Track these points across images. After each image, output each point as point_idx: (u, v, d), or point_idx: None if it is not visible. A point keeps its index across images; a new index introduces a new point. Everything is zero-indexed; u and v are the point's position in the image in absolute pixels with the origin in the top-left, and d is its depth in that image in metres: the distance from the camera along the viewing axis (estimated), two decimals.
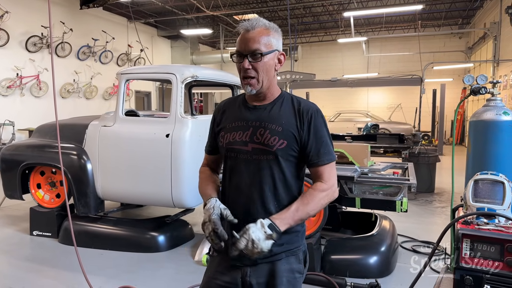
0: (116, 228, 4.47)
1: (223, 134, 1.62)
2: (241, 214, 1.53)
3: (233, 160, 1.58)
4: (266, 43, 1.50)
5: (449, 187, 7.51)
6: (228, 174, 1.62)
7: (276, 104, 1.58)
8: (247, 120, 1.58)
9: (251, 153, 1.54)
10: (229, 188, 1.62)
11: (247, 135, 1.55)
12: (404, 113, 15.72)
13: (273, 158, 1.52)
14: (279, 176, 1.54)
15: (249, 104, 1.61)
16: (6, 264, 4.00)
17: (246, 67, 1.49)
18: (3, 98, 10.47)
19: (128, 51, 14.91)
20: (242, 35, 1.52)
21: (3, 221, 5.39)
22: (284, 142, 1.52)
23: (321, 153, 1.56)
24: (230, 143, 1.58)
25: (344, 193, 3.87)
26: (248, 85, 1.52)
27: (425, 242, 4.53)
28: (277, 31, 1.56)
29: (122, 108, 4.36)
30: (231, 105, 1.69)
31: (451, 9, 15.52)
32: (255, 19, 1.53)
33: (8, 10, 10.24)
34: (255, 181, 1.54)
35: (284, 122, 1.54)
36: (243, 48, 1.50)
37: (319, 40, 20.03)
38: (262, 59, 1.49)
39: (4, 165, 4.89)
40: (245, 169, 1.55)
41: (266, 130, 1.53)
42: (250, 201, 1.54)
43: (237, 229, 1.48)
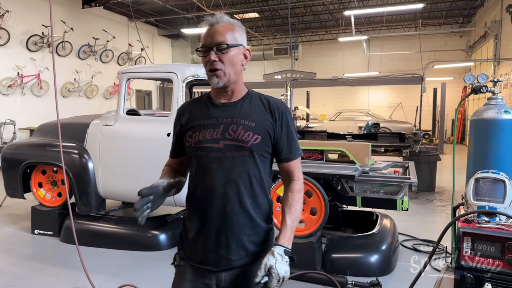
0: (118, 226, 4.48)
1: (191, 134, 1.55)
2: (216, 215, 1.49)
3: (203, 159, 1.52)
4: (231, 37, 1.50)
5: (449, 186, 7.53)
6: (199, 174, 1.54)
7: (245, 101, 1.57)
8: (217, 117, 1.54)
9: (224, 150, 1.50)
10: (200, 189, 1.54)
11: (218, 132, 1.51)
12: (405, 112, 15.72)
13: (248, 154, 1.50)
14: (254, 172, 1.52)
15: (217, 102, 1.58)
16: (8, 263, 4.01)
17: (212, 59, 1.47)
18: (4, 97, 10.48)
19: (128, 50, 14.92)
20: (207, 30, 1.51)
21: (4, 220, 5.41)
22: (258, 137, 1.50)
23: (292, 148, 1.58)
24: (199, 141, 1.53)
25: (345, 192, 3.88)
26: (215, 76, 1.49)
27: (426, 240, 4.54)
28: (241, 28, 1.55)
29: (123, 107, 4.37)
30: (196, 105, 1.64)
31: (452, 8, 15.51)
32: (219, 14, 1.53)
33: (9, 9, 10.26)
34: (229, 179, 1.49)
35: (257, 118, 1.53)
36: (209, 41, 1.49)
37: (319, 39, 20.01)
38: (228, 51, 1.48)
39: (5, 164, 4.90)
40: (218, 167, 1.50)
41: (239, 126, 1.50)
42: (225, 200, 1.49)
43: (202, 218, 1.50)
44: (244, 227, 1.51)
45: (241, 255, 1.51)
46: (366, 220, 4.51)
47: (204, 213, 1.51)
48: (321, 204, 3.64)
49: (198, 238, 1.53)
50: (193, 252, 1.56)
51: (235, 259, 1.51)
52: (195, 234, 1.55)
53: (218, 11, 14.05)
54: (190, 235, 1.57)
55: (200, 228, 1.52)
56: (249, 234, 1.52)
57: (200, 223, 1.53)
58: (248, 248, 1.52)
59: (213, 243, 1.50)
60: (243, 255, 1.52)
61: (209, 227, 1.50)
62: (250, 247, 1.52)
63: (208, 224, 1.50)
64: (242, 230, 1.50)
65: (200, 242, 1.53)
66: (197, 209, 1.54)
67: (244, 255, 1.52)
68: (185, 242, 1.61)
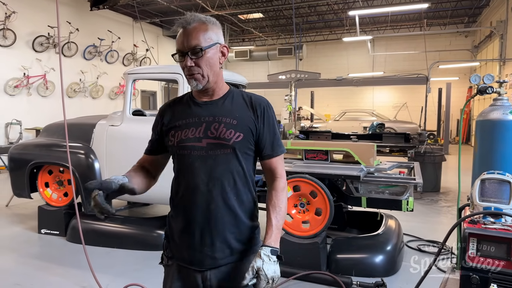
0: (123, 226, 4.51)
1: (173, 133, 1.54)
2: (200, 213, 1.49)
3: (186, 158, 1.51)
4: (206, 38, 1.46)
5: (454, 186, 7.50)
6: (182, 173, 1.53)
7: (227, 99, 1.56)
8: (199, 116, 1.53)
9: (206, 149, 1.49)
10: (184, 188, 1.53)
11: (200, 131, 1.50)
12: (410, 112, 15.67)
13: (230, 152, 1.49)
14: (237, 170, 1.51)
15: (198, 100, 1.57)
16: (15, 262, 4.05)
17: (188, 65, 1.46)
18: (10, 98, 10.56)
19: (133, 51, 14.98)
20: (179, 33, 1.47)
21: (11, 220, 5.46)
22: (240, 135, 1.50)
23: (274, 145, 1.57)
24: (182, 140, 1.52)
25: (350, 193, 3.88)
26: (193, 79, 1.48)
27: (431, 241, 4.53)
28: (215, 24, 1.51)
29: (129, 107, 4.40)
30: (177, 104, 1.63)
31: (457, 8, 15.44)
32: (190, 15, 1.48)
33: (15, 10, 10.33)
34: (213, 177, 1.48)
35: (238, 116, 1.52)
36: (183, 46, 1.46)
37: (324, 39, 19.99)
38: (204, 54, 1.45)
39: (12, 164, 4.95)
40: (201, 166, 1.49)
41: (221, 124, 1.50)
42: (209, 198, 1.48)
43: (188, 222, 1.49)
44: (228, 225, 1.50)
45: (226, 253, 1.51)
46: (371, 221, 4.51)
47: (188, 212, 1.50)
48: (326, 204, 3.65)
49: (183, 237, 1.53)
50: (179, 251, 1.56)
51: (220, 258, 1.50)
52: (180, 233, 1.54)
53: (223, 11, 14.10)
54: (175, 234, 1.56)
55: (185, 227, 1.52)
56: (233, 232, 1.51)
57: (184, 222, 1.52)
58: (233, 246, 1.51)
59: (198, 242, 1.50)
60: (228, 253, 1.51)
61: (194, 226, 1.49)
62: (235, 245, 1.52)
63: (192, 223, 1.50)
64: (227, 228, 1.50)
65: (185, 241, 1.53)
66: (181, 208, 1.54)
67: (229, 253, 1.51)
68: (171, 241, 1.60)
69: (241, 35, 19.96)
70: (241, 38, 20.54)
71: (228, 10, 14.25)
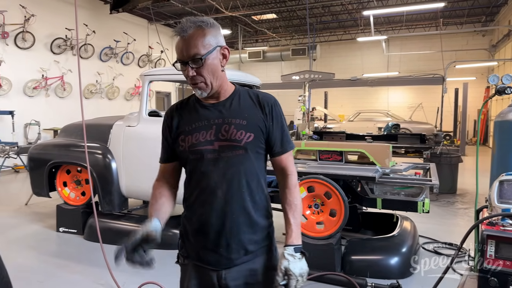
0: (139, 225, 4.53)
1: (183, 138, 1.53)
2: (214, 216, 1.48)
3: (198, 162, 1.50)
4: (204, 44, 1.42)
5: (471, 188, 7.39)
6: (195, 177, 1.52)
7: (234, 99, 1.55)
8: (208, 118, 1.52)
9: (219, 151, 1.48)
10: (198, 191, 1.52)
11: (211, 133, 1.50)
12: (426, 113, 15.48)
13: (243, 153, 1.48)
14: (250, 170, 1.51)
15: (205, 103, 1.55)
16: (35, 259, 4.15)
17: (191, 75, 1.44)
18: (29, 99, 10.80)
19: (149, 53, 15.16)
20: (177, 41, 1.45)
21: (31, 218, 5.58)
22: (251, 135, 1.49)
23: (284, 142, 1.57)
24: (193, 144, 1.50)
25: (365, 194, 3.86)
26: (197, 88, 1.48)
27: (447, 243, 4.47)
28: (213, 26, 1.46)
29: (146, 108, 4.47)
30: (184, 108, 1.61)
31: (474, 6, 15.18)
32: (186, 20, 1.44)
33: (34, 13, 10.56)
34: (226, 179, 1.48)
35: (247, 115, 1.51)
36: (182, 56, 1.44)
37: (338, 39, 19.88)
38: (204, 61, 1.42)
39: (32, 163, 5.07)
40: (214, 169, 1.48)
41: (231, 125, 1.49)
42: (224, 201, 1.48)
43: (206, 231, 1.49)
44: (243, 226, 1.50)
45: (241, 253, 1.51)
46: (386, 222, 4.48)
47: (203, 215, 1.50)
48: (340, 205, 3.64)
49: (198, 238, 1.53)
50: (194, 251, 1.56)
51: (235, 258, 1.51)
52: (195, 234, 1.54)
53: (237, 12, 14.16)
54: (190, 235, 1.57)
55: (200, 228, 1.52)
56: (248, 233, 1.51)
57: (199, 224, 1.52)
58: (248, 246, 1.52)
59: (213, 243, 1.50)
60: (243, 254, 1.52)
61: (209, 227, 1.49)
62: (250, 246, 1.52)
63: (207, 225, 1.50)
64: (242, 229, 1.50)
65: (200, 242, 1.53)
66: (195, 210, 1.54)
67: (243, 253, 1.52)
68: (186, 241, 1.60)
69: (255, 36, 19.99)
70: (254, 39, 20.58)
71: (241, 11, 14.30)
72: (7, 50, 10.17)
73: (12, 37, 10.26)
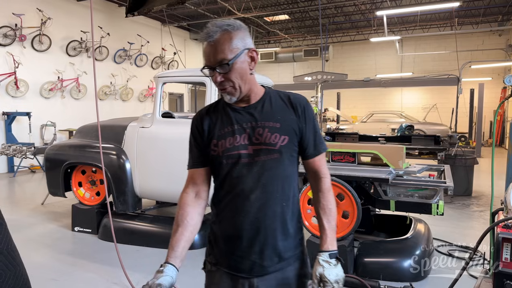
0: (153, 225, 4.63)
1: (216, 142, 1.49)
2: (248, 222, 1.44)
3: (232, 166, 1.46)
4: (231, 49, 1.38)
5: (487, 190, 7.26)
6: (228, 182, 1.48)
7: (266, 102, 1.51)
8: (240, 122, 1.48)
9: (253, 156, 1.45)
10: (231, 196, 1.48)
11: (244, 137, 1.46)
12: (440, 114, 15.27)
13: (278, 157, 1.45)
14: (285, 174, 1.48)
15: (236, 106, 1.51)
16: (51, 258, 4.23)
17: (218, 81, 1.41)
18: (45, 100, 11.01)
19: (162, 54, 15.30)
20: (205, 47, 1.41)
21: (47, 217, 5.69)
22: (285, 138, 1.46)
23: (317, 143, 1.54)
24: (227, 149, 1.46)
25: (378, 196, 3.83)
26: (226, 93, 1.44)
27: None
28: (240, 29, 1.41)
29: (159, 110, 4.52)
30: (214, 112, 1.55)
31: (490, 6, 14.92)
32: (211, 25, 1.40)
33: (51, 16, 10.77)
34: (261, 184, 1.44)
35: (280, 118, 1.48)
36: (210, 61, 1.41)
37: (351, 39, 19.75)
38: (232, 66, 1.39)
39: (48, 164, 5.16)
40: (248, 173, 1.44)
41: (265, 129, 1.45)
42: (257, 206, 1.44)
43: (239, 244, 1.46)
44: (277, 232, 1.46)
45: (274, 261, 1.47)
46: (399, 225, 4.44)
47: (235, 220, 1.46)
48: (353, 207, 3.62)
49: (230, 245, 1.48)
50: (225, 258, 1.51)
51: (269, 266, 1.46)
52: (226, 240, 1.49)
53: (249, 14, 14.19)
54: (221, 241, 1.52)
55: (232, 235, 1.47)
56: (282, 239, 1.47)
57: (231, 230, 1.47)
58: (282, 253, 1.48)
59: (246, 250, 1.45)
60: (276, 261, 1.47)
61: (241, 233, 1.45)
62: (284, 252, 1.48)
63: (240, 231, 1.45)
64: (276, 235, 1.46)
65: (231, 248, 1.48)
66: (227, 217, 1.49)
67: (277, 261, 1.47)
68: (215, 247, 1.55)
69: (267, 37, 20.00)
70: (266, 40, 20.58)
71: (254, 13, 14.33)
72: (24, 52, 10.39)
73: (29, 40, 10.48)
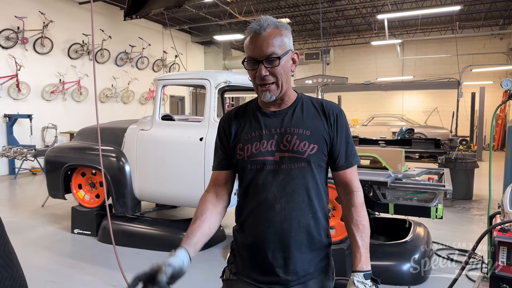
0: (152, 228, 4.63)
1: (242, 146, 1.43)
2: (272, 232, 1.38)
3: (257, 172, 1.41)
4: (281, 45, 1.35)
5: (488, 194, 7.23)
6: (253, 189, 1.42)
7: (297, 107, 1.45)
8: (269, 127, 1.42)
9: (279, 163, 1.39)
10: (255, 204, 1.42)
11: (272, 143, 1.40)
12: (441, 117, 15.28)
13: (305, 166, 1.39)
14: (312, 184, 1.41)
15: (266, 110, 1.46)
16: (50, 260, 4.23)
17: (263, 75, 1.34)
18: (47, 103, 11.04)
19: (163, 57, 15.34)
20: (252, 38, 1.36)
21: (47, 219, 5.70)
22: (315, 146, 1.39)
23: (349, 155, 1.46)
24: (253, 154, 1.41)
25: (377, 199, 3.83)
26: (268, 91, 1.37)
27: (461, 250, 4.39)
28: (288, 29, 1.41)
29: (159, 112, 4.53)
30: (243, 114, 1.50)
31: (492, 9, 14.93)
32: (263, 18, 1.37)
33: (53, 19, 10.82)
34: (287, 193, 1.38)
35: (311, 125, 1.42)
36: (257, 54, 1.34)
37: (351, 43, 19.79)
38: (280, 62, 1.34)
39: (48, 166, 5.17)
40: (273, 181, 1.39)
41: (294, 135, 1.39)
42: (283, 216, 1.37)
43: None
44: (302, 245, 1.40)
45: (300, 275, 1.40)
46: (398, 228, 4.43)
47: (259, 230, 1.40)
48: None
49: (253, 255, 1.43)
50: (247, 269, 1.45)
51: (292, 280, 1.39)
52: (249, 250, 1.44)
53: (250, 17, 14.22)
54: (243, 251, 1.47)
55: (255, 245, 1.42)
56: (308, 252, 1.41)
57: (254, 240, 1.42)
58: (306, 267, 1.41)
59: (270, 262, 1.39)
60: (302, 275, 1.40)
61: (265, 244, 1.39)
62: (309, 266, 1.41)
63: (263, 242, 1.39)
64: (301, 248, 1.39)
65: (254, 259, 1.42)
66: (250, 225, 1.43)
67: (302, 274, 1.40)
68: (237, 256, 1.49)
69: None
70: None
71: (255, 16, 14.35)
72: (26, 55, 10.43)
73: (31, 43, 10.52)
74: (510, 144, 3.58)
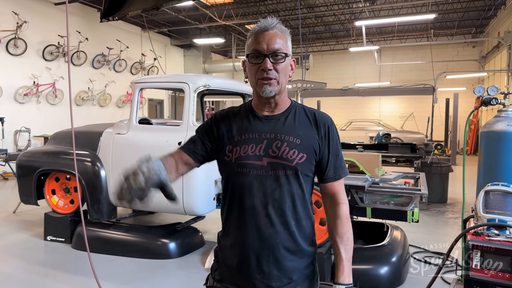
0: (128, 234, 4.53)
1: (231, 148, 1.42)
2: (257, 238, 1.38)
3: (244, 176, 1.40)
4: (286, 46, 1.40)
5: (462, 197, 7.43)
6: (238, 193, 1.42)
7: (290, 114, 1.46)
8: (259, 132, 1.42)
9: (267, 169, 1.38)
10: (239, 209, 1.42)
11: (261, 148, 1.39)
12: (417, 122, 15.61)
13: (292, 174, 1.39)
14: (298, 192, 1.41)
15: (259, 114, 1.46)
16: (20, 269, 4.07)
17: (268, 67, 1.35)
18: (20, 106, 10.71)
19: (141, 60, 15.14)
20: (259, 34, 1.38)
21: (18, 226, 5.50)
22: (304, 155, 1.40)
23: (337, 167, 1.47)
24: (241, 157, 1.40)
25: (355, 203, 3.86)
26: (269, 85, 1.37)
27: (437, 253, 4.48)
28: (290, 36, 1.45)
29: (136, 116, 4.45)
30: (236, 116, 1.50)
31: (465, 18, 15.44)
32: (271, 19, 1.41)
33: (27, 20, 10.52)
34: (272, 199, 1.38)
35: (302, 134, 1.42)
36: (264, 48, 1.36)
37: (330, 49, 20.07)
38: (284, 60, 1.38)
39: (20, 171, 5.00)
40: (259, 186, 1.38)
41: (284, 142, 1.39)
42: (267, 222, 1.38)
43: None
44: (287, 252, 1.40)
45: (284, 282, 1.40)
46: (376, 232, 4.48)
47: (243, 236, 1.40)
48: None
49: (237, 262, 1.42)
50: (231, 276, 1.45)
51: (277, 286, 1.40)
52: (232, 257, 1.44)
53: (230, 22, 14.24)
54: (227, 257, 1.46)
55: (239, 251, 1.41)
56: (292, 260, 1.41)
57: (238, 246, 1.42)
58: (291, 275, 1.41)
59: (254, 269, 1.39)
60: (286, 282, 1.41)
61: (249, 251, 1.39)
62: (293, 274, 1.41)
63: (247, 248, 1.39)
64: (285, 255, 1.40)
65: (238, 266, 1.42)
66: (235, 231, 1.43)
67: (286, 282, 1.41)
68: (221, 263, 1.49)
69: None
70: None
71: (235, 21, 14.39)
72: None
73: (4, 44, 10.19)
74: (483, 149, 3.68)
